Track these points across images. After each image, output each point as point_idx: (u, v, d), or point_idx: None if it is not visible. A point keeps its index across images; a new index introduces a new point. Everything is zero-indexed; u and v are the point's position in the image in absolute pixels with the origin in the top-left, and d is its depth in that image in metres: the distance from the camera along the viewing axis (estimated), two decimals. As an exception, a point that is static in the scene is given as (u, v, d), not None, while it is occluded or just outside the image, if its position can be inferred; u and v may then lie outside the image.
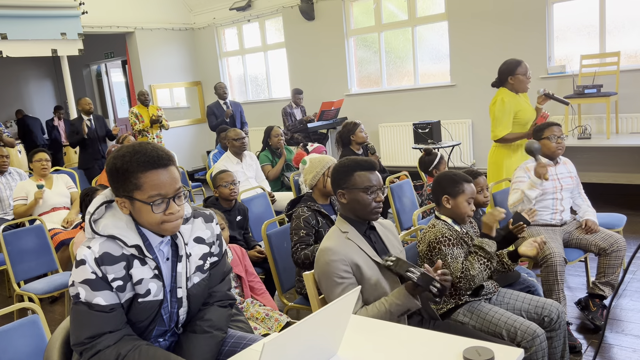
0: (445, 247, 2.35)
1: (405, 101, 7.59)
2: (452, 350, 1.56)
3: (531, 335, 2.16)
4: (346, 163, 2.21)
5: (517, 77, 3.93)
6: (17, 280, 3.74)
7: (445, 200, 2.46)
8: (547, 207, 3.26)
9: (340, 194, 2.19)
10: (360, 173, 2.17)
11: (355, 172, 2.17)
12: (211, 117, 7.38)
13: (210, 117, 7.40)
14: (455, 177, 2.46)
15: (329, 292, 2.08)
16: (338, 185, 2.20)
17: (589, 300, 3.16)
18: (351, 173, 2.17)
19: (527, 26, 6.30)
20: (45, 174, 4.90)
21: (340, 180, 2.19)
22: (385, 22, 7.70)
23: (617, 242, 3.07)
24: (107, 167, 1.63)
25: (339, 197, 2.21)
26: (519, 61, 3.97)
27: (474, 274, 2.29)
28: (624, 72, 5.69)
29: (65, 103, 9.98)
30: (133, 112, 7.39)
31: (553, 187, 3.25)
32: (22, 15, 7.20)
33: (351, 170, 2.18)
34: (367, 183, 2.15)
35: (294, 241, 2.81)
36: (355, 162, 2.20)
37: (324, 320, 1.46)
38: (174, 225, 1.65)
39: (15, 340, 1.98)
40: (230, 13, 9.15)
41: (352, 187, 2.16)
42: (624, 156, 5.82)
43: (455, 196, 2.43)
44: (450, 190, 2.45)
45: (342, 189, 2.19)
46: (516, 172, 3.35)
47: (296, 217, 2.85)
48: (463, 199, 2.43)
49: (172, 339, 1.83)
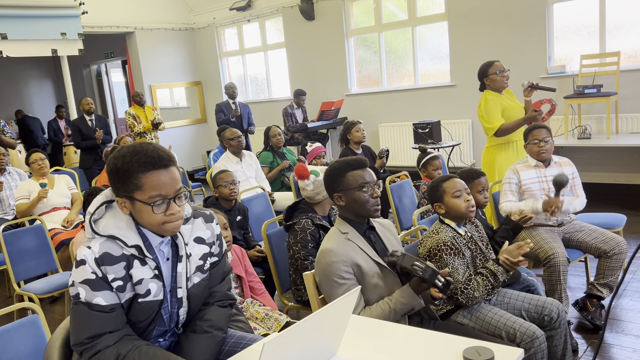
0: (447, 255, 2.34)
1: (405, 101, 7.59)
2: (452, 351, 1.56)
3: (530, 337, 2.15)
4: (337, 166, 2.21)
5: (490, 77, 4.08)
6: (17, 280, 3.74)
7: (438, 207, 2.49)
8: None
9: (337, 197, 2.19)
10: (352, 173, 2.17)
11: (348, 173, 2.17)
12: (219, 114, 7.46)
13: (218, 114, 7.48)
14: (434, 182, 2.51)
15: (330, 293, 2.08)
16: (333, 189, 2.20)
17: (587, 301, 3.16)
18: (343, 174, 2.18)
19: (527, 26, 6.30)
20: (44, 172, 4.90)
21: (334, 184, 2.20)
22: (385, 22, 7.70)
23: (619, 245, 3.05)
24: (108, 167, 1.63)
25: (336, 200, 2.20)
26: (490, 62, 4.12)
27: (477, 295, 2.29)
28: (624, 72, 5.69)
29: (65, 103, 9.98)
30: (130, 113, 7.32)
31: (540, 189, 3.23)
32: (22, 15, 7.20)
33: (343, 171, 2.18)
34: (361, 181, 2.16)
35: (302, 254, 2.78)
36: (345, 162, 2.20)
37: (324, 320, 1.46)
38: (174, 226, 1.64)
39: (15, 340, 1.98)
40: (230, 13, 9.15)
41: (347, 188, 2.16)
42: (624, 156, 5.82)
43: (441, 199, 2.46)
44: (435, 196, 2.49)
45: (338, 192, 2.18)
46: (506, 173, 3.37)
47: (301, 230, 2.81)
48: (449, 197, 2.44)
49: (172, 339, 1.83)
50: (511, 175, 3.31)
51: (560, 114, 6.04)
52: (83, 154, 6.92)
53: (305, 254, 2.78)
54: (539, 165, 3.27)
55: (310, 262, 2.77)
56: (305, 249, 2.78)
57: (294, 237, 2.83)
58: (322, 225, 2.85)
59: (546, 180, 3.24)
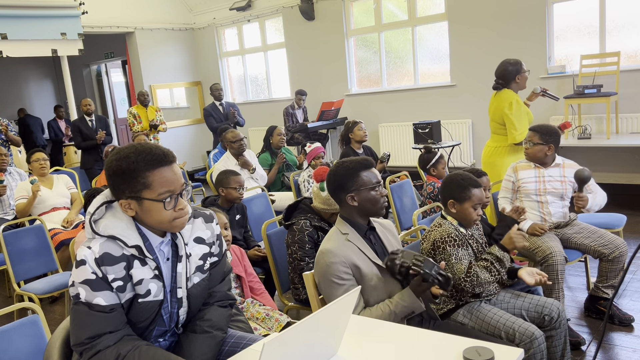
0: (450, 247, 2.34)
1: (405, 101, 7.59)
2: (452, 350, 1.56)
3: (529, 338, 2.15)
4: (349, 165, 2.18)
5: (523, 75, 3.99)
6: (17, 280, 3.74)
7: (451, 205, 2.44)
8: (533, 208, 3.25)
9: (351, 198, 2.15)
10: (365, 172, 2.16)
11: (361, 172, 2.16)
12: (209, 119, 7.46)
13: (208, 118, 7.47)
14: (463, 182, 2.41)
15: (328, 293, 2.08)
16: (345, 189, 2.15)
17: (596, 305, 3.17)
18: (357, 174, 2.15)
19: (527, 26, 6.30)
20: (44, 173, 4.90)
21: (347, 184, 2.15)
22: (385, 22, 7.70)
23: (619, 248, 3.03)
24: (110, 169, 1.61)
25: (348, 200, 2.16)
26: (516, 60, 4.03)
27: (482, 279, 2.28)
28: (624, 72, 5.69)
29: (65, 103, 9.98)
30: (131, 112, 7.36)
31: (535, 189, 3.23)
32: (22, 15, 7.19)
33: (356, 171, 2.16)
34: (374, 180, 2.16)
35: (300, 254, 2.78)
36: (357, 162, 2.18)
37: (324, 320, 1.46)
38: (183, 221, 1.66)
39: (15, 340, 1.98)
40: (230, 13, 9.15)
41: (362, 188, 2.14)
42: (624, 156, 5.82)
43: (461, 202, 2.41)
44: (457, 195, 2.41)
45: (352, 192, 2.15)
46: (507, 170, 3.39)
47: (299, 230, 2.81)
48: (469, 205, 2.39)
49: (172, 339, 1.83)
50: (510, 174, 3.34)
51: (560, 114, 6.04)
52: (84, 154, 6.93)
53: (302, 255, 2.78)
54: (538, 166, 3.27)
55: (307, 262, 2.77)
56: (303, 249, 2.78)
57: (292, 237, 2.84)
58: (320, 227, 2.85)
59: (543, 180, 3.23)
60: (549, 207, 3.22)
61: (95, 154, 6.82)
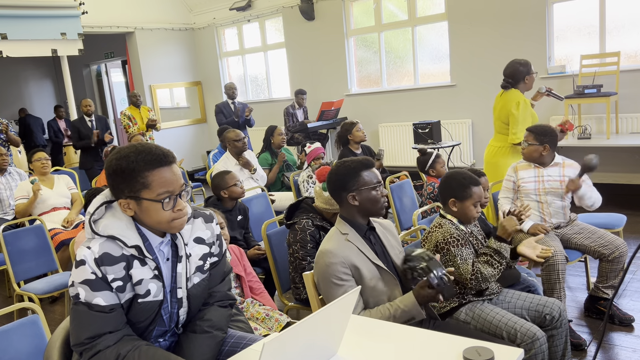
0: (454, 247, 2.34)
1: (405, 101, 7.59)
2: (452, 350, 1.56)
3: (531, 338, 2.15)
4: (350, 165, 2.18)
5: (531, 76, 4.00)
6: (17, 280, 3.74)
7: (452, 203, 2.44)
8: (533, 208, 3.24)
9: (352, 197, 2.15)
10: (366, 172, 2.16)
11: (362, 172, 2.16)
12: (219, 116, 7.43)
13: (218, 115, 7.46)
14: (464, 181, 2.43)
15: (328, 293, 2.08)
16: (346, 189, 2.15)
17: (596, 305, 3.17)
18: (358, 174, 2.15)
19: (527, 26, 6.30)
20: (45, 172, 4.90)
21: (348, 184, 2.15)
22: (385, 22, 7.70)
23: (619, 248, 3.03)
24: (110, 169, 1.62)
25: (349, 200, 2.16)
26: (525, 60, 4.02)
27: (486, 274, 2.28)
28: (624, 72, 5.69)
29: (65, 103, 9.97)
30: (125, 114, 7.25)
31: (535, 189, 3.23)
32: (22, 15, 7.19)
33: (357, 170, 2.16)
34: (375, 179, 2.16)
35: (301, 254, 2.78)
36: (358, 162, 2.19)
37: (324, 320, 1.46)
38: (182, 222, 1.66)
39: (15, 340, 1.98)
40: (230, 13, 9.15)
41: (363, 187, 2.14)
42: (624, 156, 5.82)
43: (462, 200, 2.41)
44: (458, 193, 2.42)
45: (353, 192, 2.15)
46: (508, 170, 3.39)
47: (301, 230, 2.81)
48: (470, 202, 2.41)
49: (172, 339, 1.83)
50: (511, 173, 3.35)
51: (560, 114, 6.04)
52: (83, 154, 6.92)
53: (303, 254, 2.78)
54: (537, 166, 3.27)
55: (309, 262, 2.76)
56: (304, 249, 2.78)
57: (294, 236, 2.83)
58: (322, 226, 2.84)
59: (542, 180, 3.23)
60: (549, 208, 3.22)
61: (95, 154, 6.81)
